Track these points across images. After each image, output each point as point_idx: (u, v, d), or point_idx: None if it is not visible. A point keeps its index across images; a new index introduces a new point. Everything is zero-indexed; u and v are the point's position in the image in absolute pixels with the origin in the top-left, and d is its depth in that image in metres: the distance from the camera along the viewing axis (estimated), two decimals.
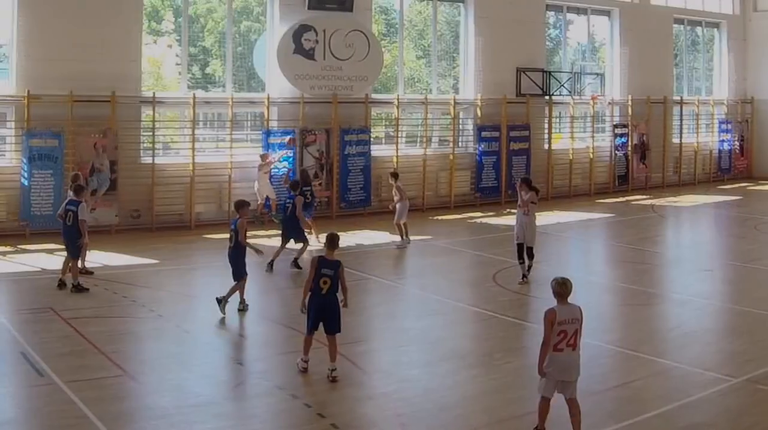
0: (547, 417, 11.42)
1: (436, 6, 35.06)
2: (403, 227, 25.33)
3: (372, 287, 20.94)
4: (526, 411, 12.23)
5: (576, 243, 28.63)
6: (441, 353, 15.51)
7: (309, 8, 30.31)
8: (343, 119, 31.07)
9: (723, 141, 45.08)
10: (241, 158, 29.24)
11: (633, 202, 37.19)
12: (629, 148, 40.27)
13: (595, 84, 38.33)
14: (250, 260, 18.50)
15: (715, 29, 46.49)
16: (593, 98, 38.12)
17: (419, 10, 36.79)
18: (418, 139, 34.39)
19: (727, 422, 12.34)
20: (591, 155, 38.91)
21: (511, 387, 13.69)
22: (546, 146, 37.33)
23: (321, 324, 13.72)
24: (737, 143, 45.79)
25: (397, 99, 32.77)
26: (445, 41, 36.46)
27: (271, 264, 21.49)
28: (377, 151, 32.54)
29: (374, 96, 32.78)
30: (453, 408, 12.80)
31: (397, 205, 25.34)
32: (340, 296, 13.71)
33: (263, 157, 28.07)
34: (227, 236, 18.82)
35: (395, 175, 26.14)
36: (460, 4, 35.53)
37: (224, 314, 17.49)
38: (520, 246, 20.76)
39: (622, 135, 40.02)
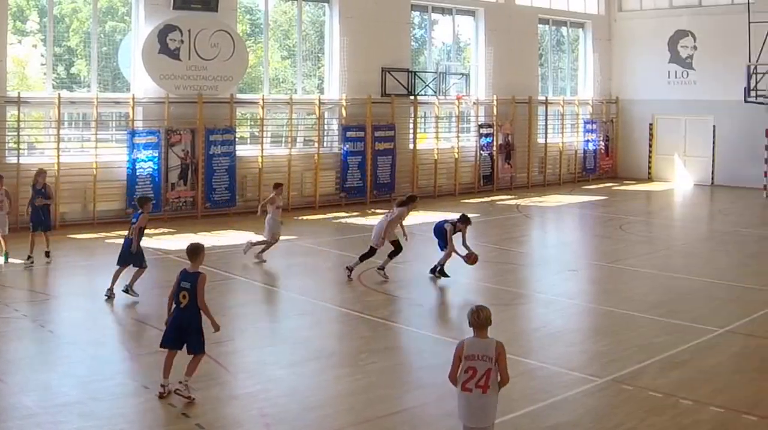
0: None
1: (301, 6, 36.49)
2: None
3: (237, 287, 21.69)
4: (391, 411, 13.11)
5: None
6: (306, 353, 16.06)
7: (174, 8, 31.29)
8: (208, 119, 32.29)
9: (588, 141, 47.57)
10: (106, 158, 30.21)
11: (498, 202, 38.75)
12: (494, 148, 42.29)
13: (460, 84, 40.30)
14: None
15: (580, 29, 49.04)
16: (458, 98, 40.07)
17: (284, 10, 37.91)
18: (283, 140, 35.64)
19: (592, 423, 12.78)
20: (456, 155, 40.86)
21: (376, 387, 14.13)
22: (411, 146, 38.99)
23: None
24: (602, 143, 48.32)
25: (262, 99, 34.16)
26: (310, 41, 37.69)
27: (440, 271, 22.30)
28: (242, 151, 33.83)
29: (239, 96, 34.06)
30: (318, 408, 13.19)
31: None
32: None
33: None
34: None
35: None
36: (325, 4, 37.01)
37: (137, 295, 19.45)
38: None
39: (487, 135, 42.05)
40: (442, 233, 22.45)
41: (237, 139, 33.50)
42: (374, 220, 30.14)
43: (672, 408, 13.20)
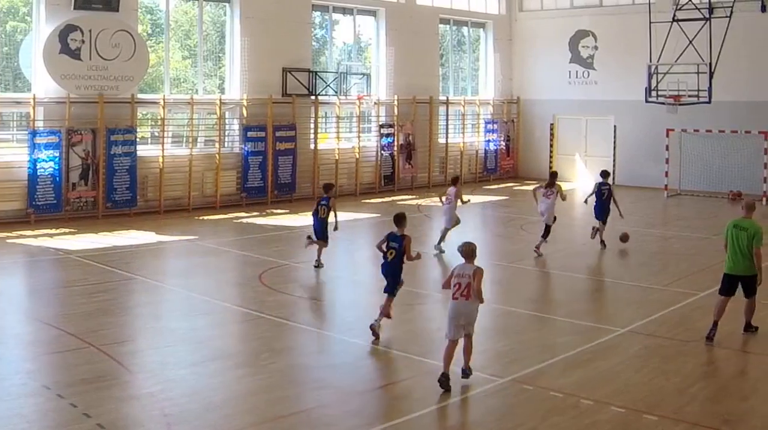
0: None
1: (202, 6, 37.35)
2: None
3: (138, 287, 21.96)
4: (292, 411, 13.41)
5: (341, 244, 28.98)
6: (207, 353, 16.27)
7: (75, 8, 31.77)
8: (109, 119, 32.83)
9: (489, 141, 48.95)
10: (6, 158, 30.67)
11: (399, 202, 39.32)
12: (395, 148, 43.46)
13: (361, 84, 41.36)
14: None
15: (481, 29, 50.50)
16: (359, 98, 41.11)
17: (185, 11, 38.77)
18: (184, 140, 36.33)
19: (493, 422, 13.10)
20: (357, 155, 42.00)
21: (276, 387, 14.42)
22: (312, 146, 40.00)
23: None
24: (503, 143, 49.71)
25: (163, 99, 34.80)
26: (211, 41, 38.69)
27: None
28: (143, 151, 34.43)
29: (140, 96, 34.64)
30: (219, 408, 13.35)
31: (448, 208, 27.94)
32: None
33: None
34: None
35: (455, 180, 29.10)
36: (226, 4, 37.87)
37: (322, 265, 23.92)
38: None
39: (388, 135, 43.23)
40: (603, 201, 28.33)
41: (138, 139, 34.11)
42: (274, 220, 31.24)
43: (573, 408, 13.59)
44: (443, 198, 28.23)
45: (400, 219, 18.06)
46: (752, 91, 42.33)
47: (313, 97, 39.78)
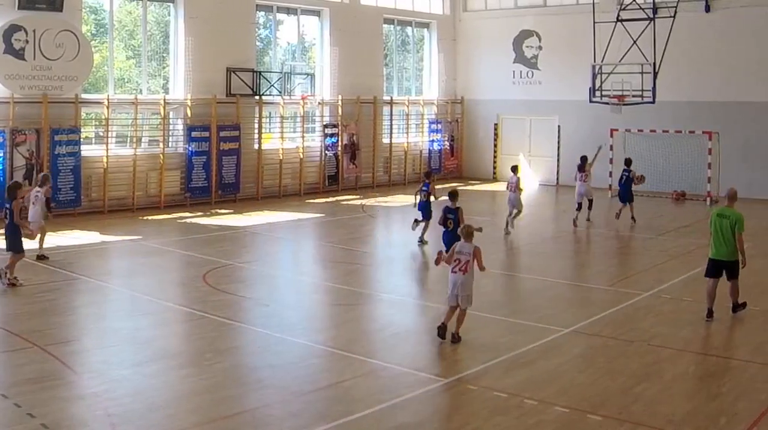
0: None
1: (146, 6, 37.42)
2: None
3: (82, 288, 22.07)
4: (236, 411, 13.46)
5: (286, 243, 30.38)
6: (151, 353, 16.36)
7: (19, 8, 32.03)
8: (53, 119, 33.07)
9: (433, 141, 49.46)
10: None
11: (343, 202, 40.19)
12: (339, 148, 43.83)
13: (306, 84, 41.83)
14: None
15: (425, 29, 51.07)
16: (303, 98, 41.51)
17: (129, 11, 38.57)
18: (129, 140, 36.37)
19: (438, 422, 13.42)
20: (301, 155, 42.37)
21: (221, 387, 14.54)
22: (256, 146, 40.31)
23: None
24: (447, 143, 50.29)
25: (108, 99, 34.97)
26: (155, 41, 38.62)
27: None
28: (87, 151, 34.55)
29: (84, 96, 34.91)
30: (163, 408, 13.49)
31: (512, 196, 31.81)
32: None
33: None
34: None
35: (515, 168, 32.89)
36: (170, 5, 38.03)
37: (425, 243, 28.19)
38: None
39: (332, 135, 43.62)
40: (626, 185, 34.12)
41: (82, 139, 34.24)
42: (218, 220, 31.67)
43: (517, 408, 13.70)
44: (509, 186, 32.16)
45: (453, 195, 24.00)
46: (696, 91, 43.14)
47: (257, 97, 40.12)
